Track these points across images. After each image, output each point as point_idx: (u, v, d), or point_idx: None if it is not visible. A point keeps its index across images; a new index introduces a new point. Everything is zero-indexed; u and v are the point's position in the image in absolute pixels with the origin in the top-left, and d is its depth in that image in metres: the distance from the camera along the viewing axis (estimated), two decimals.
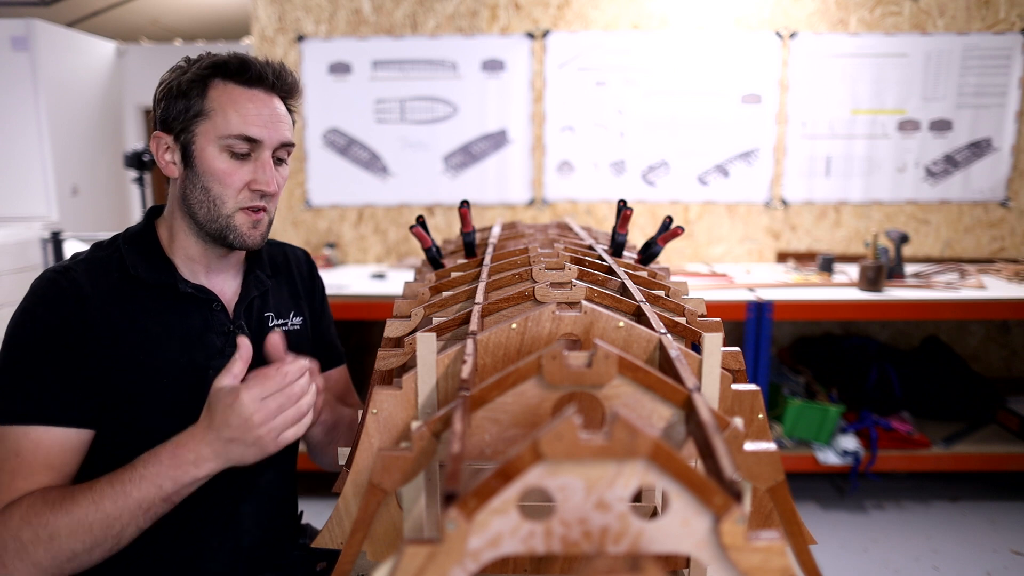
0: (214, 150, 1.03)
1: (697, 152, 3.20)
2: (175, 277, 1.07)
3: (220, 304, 1.10)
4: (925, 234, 3.23)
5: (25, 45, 3.63)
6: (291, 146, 1.10)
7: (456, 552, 0.45)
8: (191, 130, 1.03)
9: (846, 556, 2.38)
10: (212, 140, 1.03)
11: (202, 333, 1.07)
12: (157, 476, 0.88)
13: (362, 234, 3.29)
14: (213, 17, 5.29)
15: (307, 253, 1.34)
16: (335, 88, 3.16)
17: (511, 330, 0.74)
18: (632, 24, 3.11)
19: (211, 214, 1.05)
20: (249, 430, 0.87)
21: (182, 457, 0.89)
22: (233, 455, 0.89)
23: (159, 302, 1.05)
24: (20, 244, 3.14)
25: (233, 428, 0.87)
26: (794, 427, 2.64)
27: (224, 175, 1.04)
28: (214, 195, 1.04)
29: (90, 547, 0.89)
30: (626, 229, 1.21)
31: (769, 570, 0.45)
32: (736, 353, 0.81)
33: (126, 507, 0.88)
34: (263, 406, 0.87)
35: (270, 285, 1.19)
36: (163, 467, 0.89)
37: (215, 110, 1.02)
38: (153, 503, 0.89)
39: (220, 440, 0.88)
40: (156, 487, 0.88)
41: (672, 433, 0.64)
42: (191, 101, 1.03)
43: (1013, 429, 2.79)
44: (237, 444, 0.88)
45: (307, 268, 1.31)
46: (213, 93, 1.03)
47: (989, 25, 3.07)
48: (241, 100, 1.03)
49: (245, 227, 1.07)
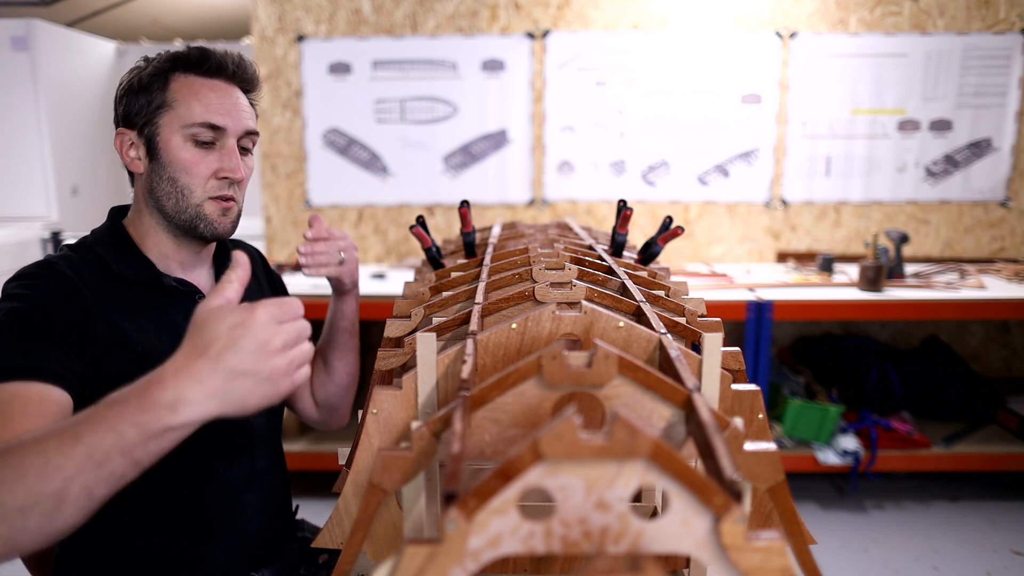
0: (179, 140, 1.04)
1: (697, 152, 3.20)
2: (157, 272, 1.08)
3: (201, 295, 1.11)
4: (925, 234, 3.23)
5: (25, 45, 3.63)
6: (255, 135, 1.11)
7: (456, 552, 0.45)
8: (155, 122, 1.04)
9: (846, 556, 2.38)
10: (176, 130, 1.03)
11: (187, 324, 1.07)
12: (118, 419, 0.64)
13: (362, 234, 3.29)
14: (213, 17, 5.29)
15: (259, 251, 1.35)
16: (335, 88, 3.16)
17: (511, 330, 0.74)
18: (632, 24, 3.11)
19: (179, 205, 1.05)
20: (266, 358, 0.66)
21: (154, 397, 0.64)
22: (234, 395, 0.66)
23: (144, 299, 1.06)
24: (20, 244, 3.14)
25: (244, 354, 0.65)
26: (794, 427, 2.64)
27: (190, 164, 1.04)
28: (181, 185, 1.05)
29: (23, 503, 0.64)
30: (626, 229, 1.21)
31: (769, 570, 0.45)
32: (736, 353, 0.81)
33: (72, 454, 0.64)
34: (282, 330, 0.67)
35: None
36: (128, 408, 0.64)
37: (177, 100, 1.03)
38: (108, 455, 0.64)
39: (220, 372, 0.64)
40: (115, 433, 0.63)
41: (672, 433, 0.64)
42: (152, 95, 1.04)
43: (1013, 429, 2.79)
44: (245, 379, 0.65)
45: (262, 264, 1.33)
46: (174, 85, 1.04)
47: (989, 25, 3.07)
48: (203, 90, 1.04)
49: (215, 215, 1.07)
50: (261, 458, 1.16)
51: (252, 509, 1.13)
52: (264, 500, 1.16)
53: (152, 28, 5.36)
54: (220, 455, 1.09)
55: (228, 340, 0.64)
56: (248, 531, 1.12)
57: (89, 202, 4.09)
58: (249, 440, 1.13)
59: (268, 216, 3.26)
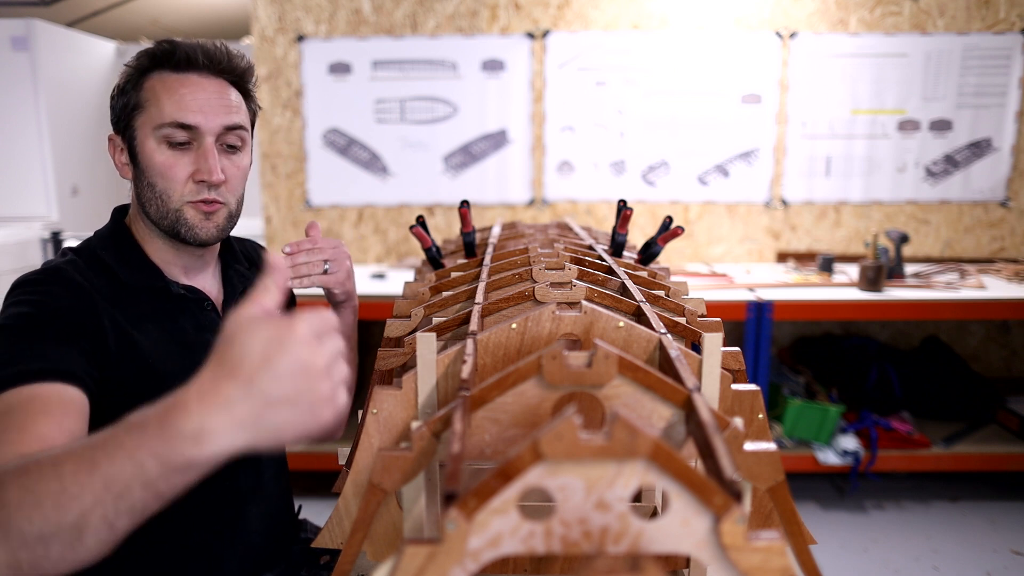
0: (152, 143, 0.99)
1: (697, 152, 3.20)
2: (164, 279, 1.04)
3: (210, 303, 1.08)
4: (925, 234, 3.23)
5: (25, 45, 3.63)
6: (241, 130, 1.04)
7: (456, 552, 0.45)
8: (131, 125, 1.00)
9: (846, 556, 2.38)
10: (149, 132, 0.98)
11: (198, 333, 1.05)
12: (137, 448, 0.55)
13: (362, 234, 3.29)
14: (213, 17, 5.29)
15: (266, 251, 1.30)
16: (335, 88, 3.16)
17: (511, 330, 0.74)
18: (632, 24, 3.11)
19: (160, 211, 1.00)
20: (308, 382, 0.54)
21: (176, 426, 0.54)
22: (268, 425, 0.55)
23: (152, 305, 1.02)
24: (20, 244, 3.14)
25: (282, 377, 0.53)
26: (794, 427, 2.64)
27: (165, 168, 0.98)
28: (159, 190, 0.99)
29: (41, 531, 0.58)
30: (626, 229, 1.21)
31: (769, 570, 0.45)
32: (736, 353, 0.81)
33: (89, 484, 0.56)
34: (324, 348, 0.56)
35: (251, 279, 1.16)
36: (147, 436, 0.55)
37: (148, 100, 0.98)
38: (128, 487, 0.56)
39: (253, 397, 0.54)
40: (133, 463, 0.55)
41: (672, 433, 0.64)
42: (128, 96, 1.00)
43: (1013, 429, 2.79)
44: (282, 407, 0.54)
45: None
46: (147, 84, 0.99)
47: (989, 25, 3.07)
48: (174, 86, 0.98)
49: (196, 220, 1.01)
50: (267, 468, 1.14)
51: (256, 519, 1.12)
52: (268, 509, 1.15)
53: (152, 28, 5.36)
54: (226, 467, 1.07)
55: (263, 359, 0.53)
56: (252, 540, 1.11)
57: (89, 202, 4.09)
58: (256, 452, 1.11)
59: (268, 216, 3.26)
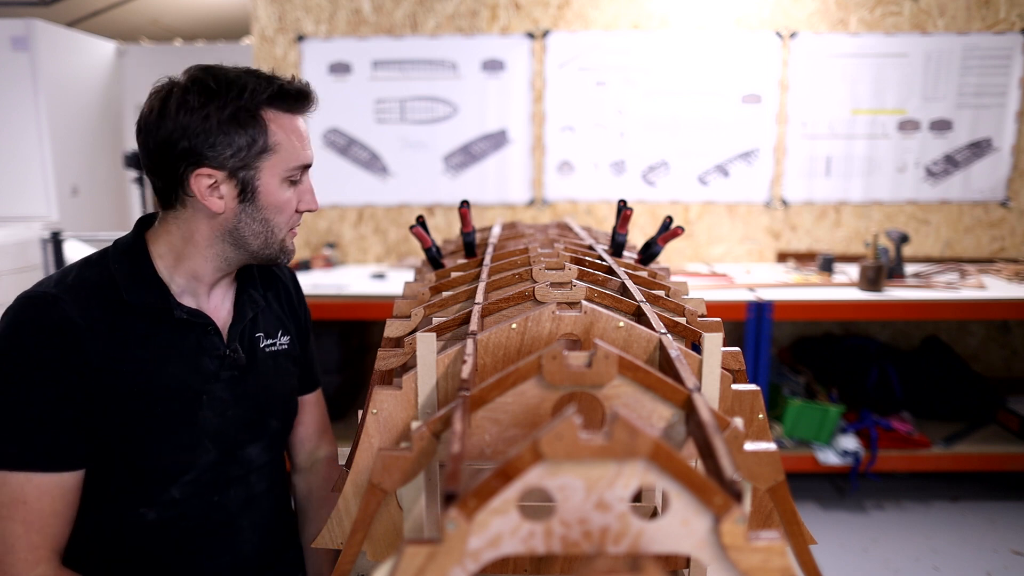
0: (277, 182, 1.02)
1: (697, 152, 3.20)
2: (169, 301, 1.02)
3: (214, 327, 1.07)
4: (925, 234, 3.23)
5: (25, 45, 3.63)
6: None
7: (456, 552, 0.45)
8: (254, 166, 0.99)
9: (846, 556, 2.38)
10: (277, 173, 1.01)
11: (196, 356, 1.04)
12: None
13: (362, 234, 3.29)
14: (213, 17, 5.29)
15: (293, 273, 1.30)
16: (335, 88, 3.16)
17: (511, 330, 0.74)
18: (632, 24, 3.11)
19: (267, 242, 1.05)
20: None
21: None
22: None
23: (153, 327, 1.01)
24: (20, 244, 3.14)
25: None
26: (794, 427, 2.64)
27: (286, 205, 1.04)
28: (272, 225, 1.04)
29: None
30: (626, 229, 1.21)
31: (769, 570, 0.45)
32: (736, 353, 0.81)
33: None
34: None
35: (262, 305, 1.16)
36: None
37: (280, 143, 1.00)
38: None
39: None
40: None
41: (672, 433, 0.64)
42: (251, 136, 0.98)
43: (1013, 429, 2.79)
44: None
45: (294, 287, 1.28)
46: (273, 127, 1.00)
47: (989, 25, 3.07)
48: (294, 128, 1.03)
49: (291, 245, 1.10)
50: (258, 483, 1.13)
51: (248, 531, 1.12)
52: (261, 519, 1.14)
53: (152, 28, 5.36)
54: (215, 484, 1.07)
55: None
56: (244, 551, 1.12)
57: (89, 202, 4.08)
58: (245, 469, 1.11)
59: None
